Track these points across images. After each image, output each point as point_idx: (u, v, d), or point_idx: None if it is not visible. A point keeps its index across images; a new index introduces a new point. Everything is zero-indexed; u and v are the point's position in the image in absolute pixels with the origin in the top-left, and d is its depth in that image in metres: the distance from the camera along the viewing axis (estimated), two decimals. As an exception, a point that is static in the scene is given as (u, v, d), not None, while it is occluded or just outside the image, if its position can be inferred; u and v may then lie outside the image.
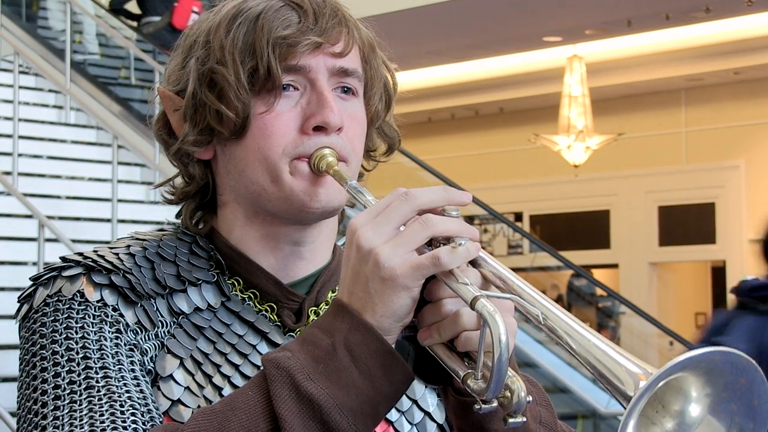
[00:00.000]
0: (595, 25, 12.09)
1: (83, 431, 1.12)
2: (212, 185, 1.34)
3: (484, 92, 15.05)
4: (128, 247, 1.29)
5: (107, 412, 1.13)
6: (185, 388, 1.22)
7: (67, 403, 1.14)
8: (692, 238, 14.39)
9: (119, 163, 8.00)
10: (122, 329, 1.21)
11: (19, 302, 1.26)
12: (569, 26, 12.10)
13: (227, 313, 1.28)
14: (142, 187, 8.85)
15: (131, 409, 1.15)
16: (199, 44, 1.29)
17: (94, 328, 1.20)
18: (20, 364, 1.22)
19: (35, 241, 6.79)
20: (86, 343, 1.18)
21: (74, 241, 6.83)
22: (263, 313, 1.29)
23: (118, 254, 1.27)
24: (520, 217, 15.81)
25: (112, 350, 1.19)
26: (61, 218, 7.84)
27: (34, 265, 7.03)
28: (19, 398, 1.20)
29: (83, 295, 1.22)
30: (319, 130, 1.25)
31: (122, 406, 1.14)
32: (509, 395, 1.06)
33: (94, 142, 9.40)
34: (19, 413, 1.19)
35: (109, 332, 1.20)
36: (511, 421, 1.07)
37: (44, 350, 1.19)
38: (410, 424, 1.32)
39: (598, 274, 14.10)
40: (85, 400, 1.14)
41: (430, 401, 1.34)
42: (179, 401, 1.21)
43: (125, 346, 1.20)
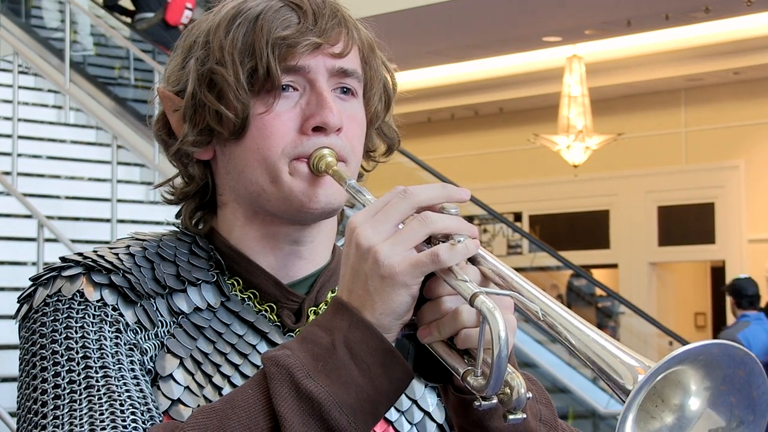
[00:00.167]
0: (594, 25, 12.09)
1: (83, 430, 1.12)
2: (212, 185, 1.34)
3: (483, 92, 15.05)
4: (128, 247, 1.29)
5: (107, 411, 1.14)
6: (185, 387, 1.22)
7: (67, 402, 1.15)
8: (692, 238, 14.39)
9: (119, 163, 8.00)
10: (122, 329, 1.21)
11: (18, 302, 1.27)
12: (569, 26, 12.10)
13: (227, 313, 1.28)
14: (141, 187, 8.85)
15: (131, 408, 1.15)
16: (198, 45, 1.29)
17: (93, 327, 1.20)
18: (20, 364, 1.22)
19: (35, 241, 6.79)
20: (86, 342, 1.19)
21: (74, 241, 6.83)
22: (263, 313, 1.30)
23: (117, 254, 1.27)
24: (519, 217, 15.81)
25: (111, 350, 1.19)
26: (60, 218, 7.84)
27: (33, 265, 7.03)
28: (19, 398, 1.20)
29: (83, 294, 1.22)
30: (318, 130, 1.25)
31: (122, 405, 1.14)
32: (509, 392, 1.06)
33: (93, 142, 9.40)
34: (19, 413, 1.19)
35: (108, 332, 1.20)
36: (511, 417, 1.07)
37: (44, 350, 1.19)
38: (410, 423, 1.32)
39: (597, 274, 14.10)
40: (85, 399, 1.14)
41: (429, 401, 1.34)
42: (179, 401, 1.21)
43: (125, 345, 1.21)
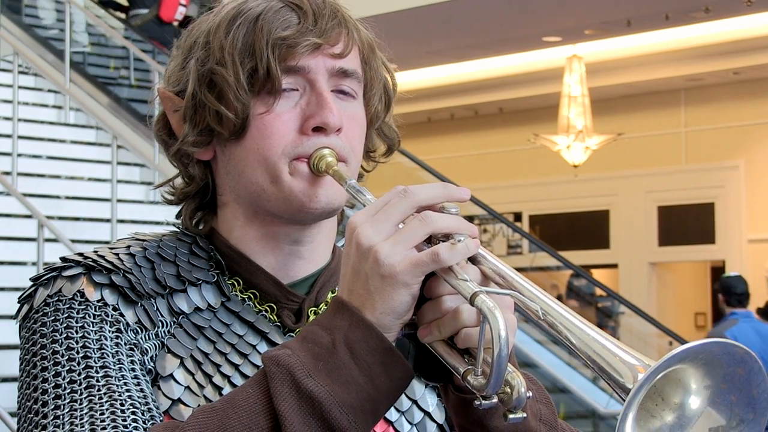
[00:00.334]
0: (594, 25, 12.09)
1: (84, 430, 1.12)
2: (212, 186, 1.34)
3: (483, 92, 15.05)
4: (128, 247, 1.29)
5: (108, 411, 1.14)
6: (185, 387, 1.22)
7: (67, 402, 1.15)
8: (692, 238, 14.39)
9: (119, 163, 8.00)
10: (122, 329, 1.22)
11: (19, 302, 1.27)
12: (569, 26, 12.10)
13: (227, 313, 1.28)
14: (141, 187, 8.85)
15: (132, 408, 1.15)
16: (199, 45, 1.29)
17: (94, 327, 1.20)
18: (21, 364, 1.22)
19: (35, 241, 6.79)
20: (87, 342, 1.19)
21: (74, 241, 6.83)
22: (263, 313, 1.30)
23: (118, 254, 1.27)
24: (519, 217, 15.81)
25: (112, 350, 1.19)
26: (60, 218, 7.83)
27: (33, 265, 7.03)
28: (19, 398, 1.20)
29: (83, 294, 1.22)
30: (318, 130, 1.25)
31: (123, 405, 1.15)
32: (509, 391, 1.06)
33: (93, 142, 9.40)
34: (19, 413, 1.19)
35: (109, 332, 1.21)
36: (511, 417, 1.07)
37: (45, 350, 1.19)
38: (410, 424, 1.32)
39: (597, 274, 14.10)
40: (85, 399, 1.15)
41: (429, 401, 1.34)
42: (179, 400, 1.21)
43: (125, 345, 1.21)
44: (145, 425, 1.14)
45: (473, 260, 1.12)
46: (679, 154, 14.66)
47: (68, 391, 1.15)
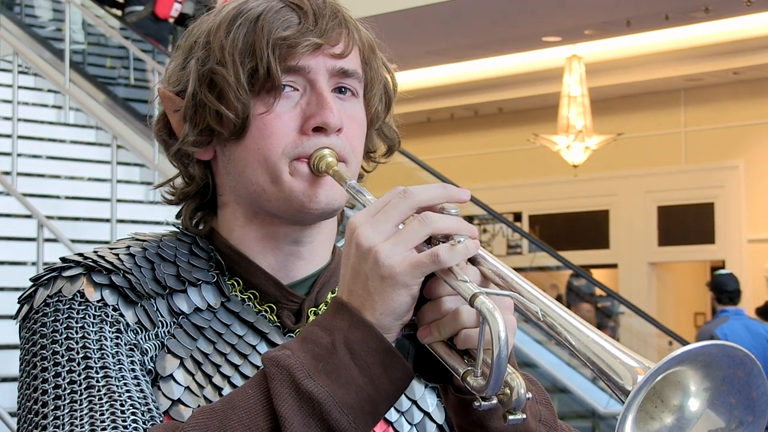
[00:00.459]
0: (594, 25, 12.09)
1: (84, 430, 1.12)
2: (212, 186, 1.34)
3: (483, 92, 15.05)
4: (128, 247, 1.29)
5: (108, 411, 1.14)
6: (185, 387, 1.22)
7: (67, 402, 1.15)
8: (691, 238, 14.39)
9: (118, 163, 7.99)
10: (122, 329, 1.22)
11: (19, 303, 1.27)
12: (568, 26, 12.10)
13: (227, 313, 1.28)
14: (141, 187, 8.85)
15: (132, 408, 1.15)
16: (199, 45, 1.29)
17: (94, 328, 1.20)
18: (21, 364, 1.22)
19: (34, 241, 6.79)
20: (87, 343, 1.19)
21: (73, 241, 6.83)
22: (263, 313, 1.30)
23: (118, 254, 1.27)
24: (519, 217, 15.81)
25: (112, 350, 1.19)
26: (60, 218, 7.83)
27: (33, 265, 7.02)
28: (19, 398, 1.20)
29: (83, 295, 1.22)
30: (318, 130, 1.25)
31: (123, 405, 1.15)
32: (509, 392, 1.06)
33: (93, 142, 9.40)
34: (19, 413, 1.19)
35: (109, 332, 1.20)
36: (510, 418, 1.07)
37: (45, 350, 1.19)
38: (410, 424, 1.32)
39: (597, 274, 14.10)
40: (85, 399, 1.15)
41: (429, 401, 1.34)
42: (179, 401, 1.21)
43: (125, 345, 1.21)
44: (145, 426, 1.14)
45: (473, 261, 1.12)
46: (678, 154, 14.66)
47: (68, 391, 1.15)
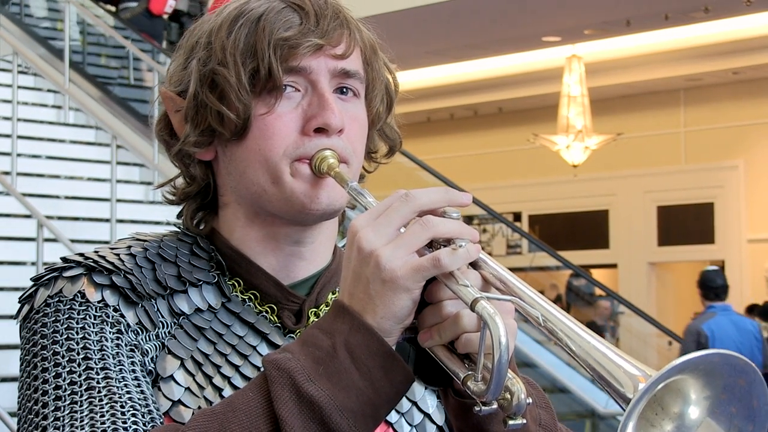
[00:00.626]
0: (594, 25, 12.10)
1: (84, 432, 1.12)
2: (213, 186, 1.34)
3: (483, 92, 15.06)
4: (129, 247, 1.29)
5: (108, 412, 1.13)
6: (186, 388, 1.22)
7: (68, 403, 1.14)
8: (691, 238, 14.40)
9: (118, 162, 7.99)
10: (123, 330, 1.21)
11: (19, 302, 1.26)
12: (568, 26, 12.11)
13: (227, 314, 1.28)
14: (141, 186, 8.84)
15: (132, 409, 1.15)
16: (200, 45, 1.29)
17: (95, 328, 1.20)
18: (21, 364, 1.22)
19: (34, 241, 6.78)
20: (87, 343, 1.18)
21: (73, 241, 6.83)
22: (263, 314, 1.29)
23: (119, 255, 1.27)
24: (519, 217, 15.82)
25: (112, 351, 1.19)
26: (59, 218, 7.82)
27: (33, 265, 7.02)
28: (19, 398, 1.20)
29: (84, 295, 1.22)
30: (320, 131, 1.25)
31: (123, 406, 1.14)
32: (509, 397, 1.06)
33: (92, 141, 9.40)
34: (19, 413, 1.19)
35: (110, 333, 1.20)
36: (510, 423, 1.07)
37: (45, 350, 1.19)
38: (410, 425, 1.31)
39: (597, 274, 14.11)
40: (86, 400, 1.14)
41: (429, 403, 1.34)
42: (180, 402, 1.21)
43: (126, 346, 1.20)
44: (145, 427, 1.14)
45: (474, 265, 1.11)
46: (678, 154, 14.67)
47: (68, 392, 1.15)
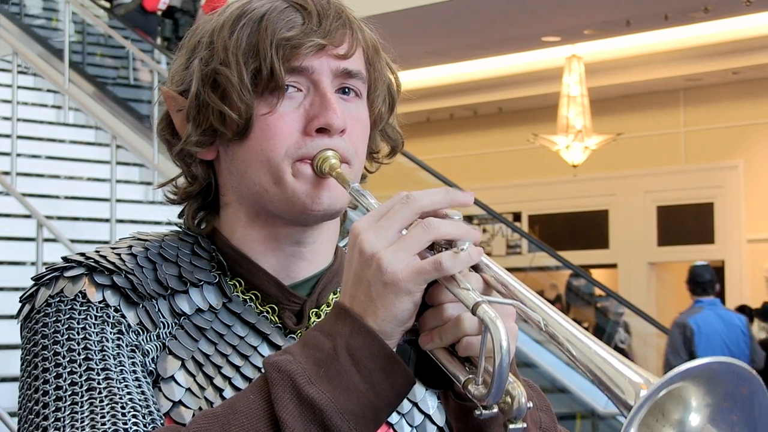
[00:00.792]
0: (593, 25, 12.10)
1: (84, 432, 1.12)
2: (215, 186, 1.34)
3: (482, 92, 15.06)
4: (130, 247, 1.29)
5: (108, 413, 1.13)
6: (186, 389, 1.22)
7: (68, 404, 1.14)
8: (691, 238, 14.41)
9: (118, 162, 7.98)
10: (124, 330, 1.21)
11: (20, 302, 1.26)
12: (568, 26, 12.11)
13: (228, 314, 1.28)
14: (140, 186, 8.84)
15: (132, 410, 1.14)
16: (202, 45, 1.29)
17: (95, 329, 1.20)
18: (22, 364, 1.22)
19: (34, 241, 6.78)
20: (88, 344, 1.18)
21: (73, 241, 6.83)
22: (264, 314, 1.29)
23: (120, 255, 1.27)
24: (518, 217, 15.82)
25: (113, 351, 1.19)
26: (59, 218, 7.82)
27: (32, 265, 7.02)
28: (20, 398, 1.20)
29: (85, 295, 1.22)
30: (322, 132, 1.25)
31: (123, 407, 1.14)
32: (510, 401, 1.06)
33: (92, 141, 9.40)
34: (20, 413, 1.19)
35: (110, 333, 1.20)
36: (511, 426, 1.06)
37: (46, 350, 1.18)
38: (410, 426, 1.31)
39: (596, 274, 14.10)
40: (86, 401, 1.14)
41: (430, 404, 1.34)
42: (180, 402, 1.21)
43: (127, 347, 1.20)
44: (145, 428, 1.14)
45: (476, 268, 1.11)
46: (678, 154, 14.68)
47: (69, 392, 1.15)
